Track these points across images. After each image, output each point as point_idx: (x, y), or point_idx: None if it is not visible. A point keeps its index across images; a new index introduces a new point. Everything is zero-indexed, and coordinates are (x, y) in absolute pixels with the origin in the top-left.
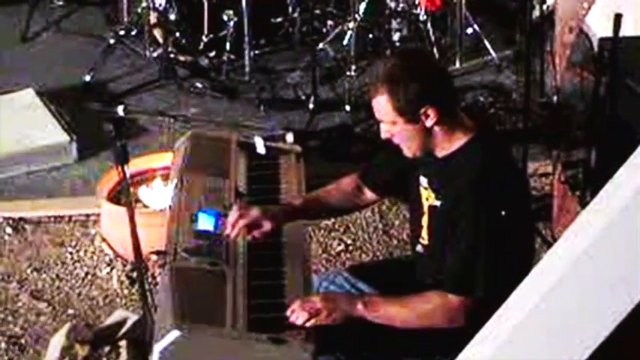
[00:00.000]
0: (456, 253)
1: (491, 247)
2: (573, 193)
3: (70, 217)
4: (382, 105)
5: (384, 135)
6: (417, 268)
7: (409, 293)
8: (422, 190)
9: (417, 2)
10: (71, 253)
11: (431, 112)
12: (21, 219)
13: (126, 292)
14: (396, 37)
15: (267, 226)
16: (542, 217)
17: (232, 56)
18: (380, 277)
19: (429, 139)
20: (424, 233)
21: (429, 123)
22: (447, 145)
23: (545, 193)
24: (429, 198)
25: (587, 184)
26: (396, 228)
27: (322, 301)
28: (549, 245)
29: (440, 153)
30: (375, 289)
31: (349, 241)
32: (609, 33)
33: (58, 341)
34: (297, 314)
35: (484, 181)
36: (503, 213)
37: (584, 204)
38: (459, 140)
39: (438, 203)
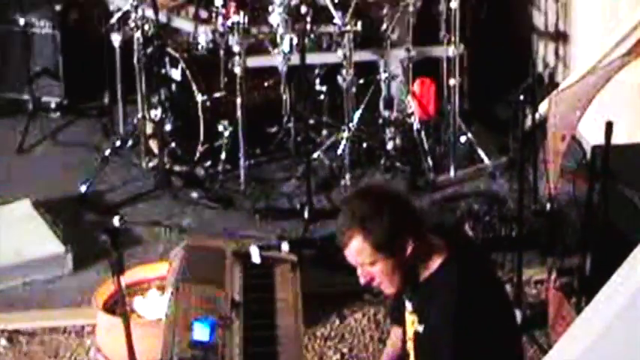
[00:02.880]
0: None
1: None
2: (568, 300)
3: (65, 328)
4: (358, 249)
5: (363, 280)
6: None
7: None
8: (407, 316)
9: (410, 111)
10: None
11: (405, 242)
12: (16, 330)
13: None
14: (389, 146)
15: None
16: (537, 325)
17: (228, 166)
18: None
19: (408, 269)
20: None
21: (405, 253)
22: (425, 269)
23: (541, 300)
24: (413, 322)
25: (583, 291)
26: None
27: None
28: (545, 353)
29: (420, 277)
30: None
31: (345, 350)
32: (601, 141)
33: None
34: None
35: (462, 312)
36: (483, 338)
37: (579, 311)
38: (435, 263)
39: (420, 328)
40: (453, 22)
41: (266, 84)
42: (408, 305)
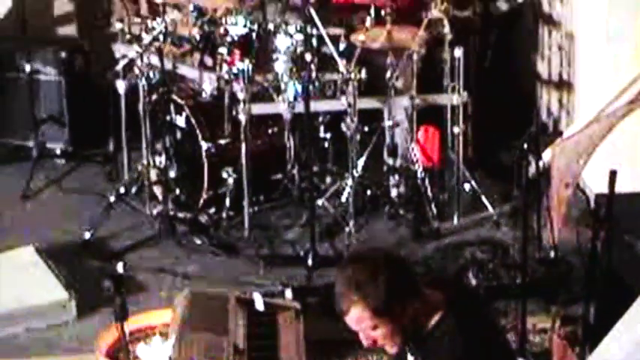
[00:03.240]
0: None
1: None
2: (573, 348)
3: None
4: (358, 315)
5: (367, 343)
6: None
7: None
8: None
9: (414, 159)
10: None
11: (404, 304)
12: None
13: None
14: (394, 193)
15: None
16: None
17: (232, 213)
18: None
19: (409, 328)
20: None
21: (405, 315)
22: (425, 324)
23: (545, 349)
24: None
25: (586, 339)
26: None
27: None
28: None
29: (421, 332)
30: None
31: None
32: (605, 189)
33: None
34: None
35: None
36: None
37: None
38: (434, 318)
39: None
40: (457, 70)
41: (270, 131)
42: (411, 358)
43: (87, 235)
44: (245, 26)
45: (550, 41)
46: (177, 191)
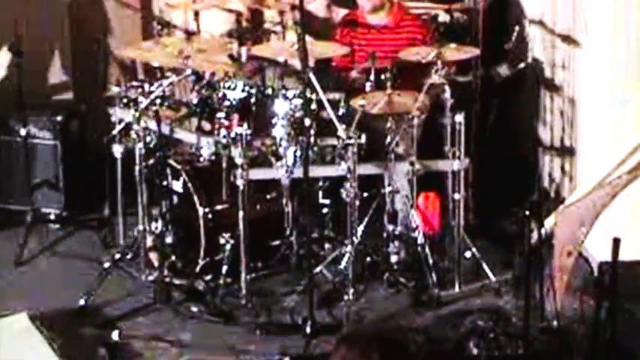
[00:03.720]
0: None
1: None
2: None
3: None
4: None
5: None
6: None
7: None
8: None
9: (414, 226)
10: None
11: None
12: None
13: None
14: (393, 260)
15: None
16: None
17: (229, 280)
18: None
19: None
20: None
21: None
22: None
23: None
24: None
25: None
26: None
27: None
28: None
29: None
30: None
31: None
32: (609, 257)
33: None
34: None
35: None
36: None
37: None
38: None
39: None
40: (458, 136)
41: (269, 196)
42: None
43: (82, 302)
44: (243, 90)
45: (552, 106)
46: (174, 257)
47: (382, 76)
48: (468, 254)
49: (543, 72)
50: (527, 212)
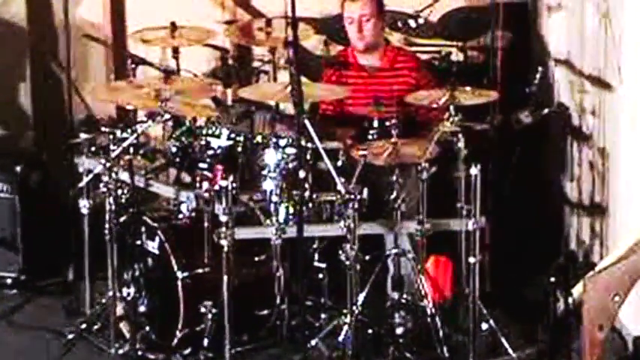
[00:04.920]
0: None
1: None
2: None
3: None
4: None
5: None
6: None
7: None
8: None
9: (423, 293)
10: None
11: None
12: None
13: None
14: (399, 331)
15: None
16: None
17: (210, 354)
18: None
19: None
20: None
21: None
22: None
23: None
24: None
25: None
26: None
27: None
28: None
29: None
30: None
31: None
32: None
33: None
34: None
35: None
36: None
37: None
38: None
39: None
40: (473, 191)
41: (257, 259)
42: None
43: None
44: (229, 138)
45: (580, 158)
46: (148, 328)
47: (387, 123)
48: (484, 326)
49: (570, 119)
50: (552, 279)
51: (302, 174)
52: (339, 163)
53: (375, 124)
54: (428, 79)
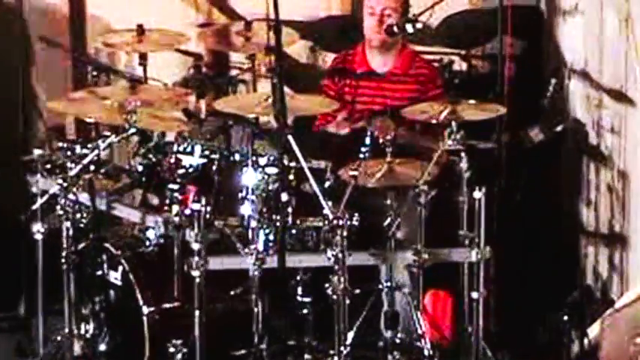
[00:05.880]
0: None
1: None
2: None
3: None
4: None
5: None
6: None
7: None
8: None
9: (420, 332)
10: None
11: None
12: None
13: None
14: None
15: None
16: None
17: None
18: None
19: None
20: None
21: None
22: None
23: None
24: None
25: None
26: None
27: None
28: None
29: None
30: None
31: None
32: None
33: None
34: None
35: None
36: None
37: None
38: None
39: None
40: (477, 217)
41: (232, 292)
42: None
43: None
44: (203, 156)
45: (597, 181)
46: None
47: (381, 140)
48: None
49: (587, 137)
50: (565, 317)
51: (284, 197)
52: (327, 185)
53: (368, 140)
54: (440, 93)
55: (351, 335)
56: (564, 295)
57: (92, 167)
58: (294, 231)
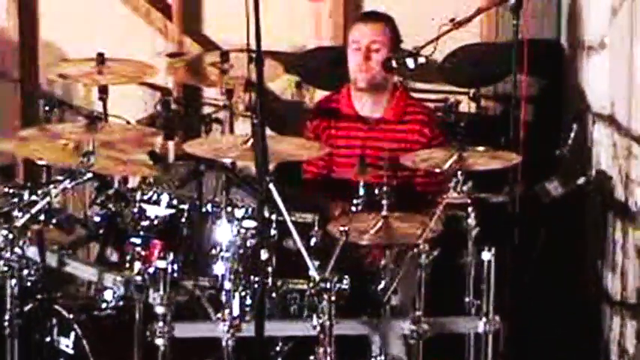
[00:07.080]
0: None
1: None
2: None
3: None
4: None
5: None
6: None
7: None
8: None
9: None
10: None
11: None
12: None
13: None
14: None
15: None
16: None
17: None
18: None
19: None
20: None
21: None
22: None
23: None
24: None
25: None
26: None
27: None
28: None
29: None
30: None
31: None
32: None
33: None
34: None
35: None
36: None
37: None
38: None
39: None
40: (486, 282)
41: None
42: None
43: None
44: (170, 205)
45: (625, 243)
46: None
47: (376, 192)
48: None
49: (613, 191)
50: None
51: (264, 255)
52: (313, 242)
53: (361, 191)
54: (439, 141)
55: None
56: None
57: (42, 217)
58: (274, 294)
